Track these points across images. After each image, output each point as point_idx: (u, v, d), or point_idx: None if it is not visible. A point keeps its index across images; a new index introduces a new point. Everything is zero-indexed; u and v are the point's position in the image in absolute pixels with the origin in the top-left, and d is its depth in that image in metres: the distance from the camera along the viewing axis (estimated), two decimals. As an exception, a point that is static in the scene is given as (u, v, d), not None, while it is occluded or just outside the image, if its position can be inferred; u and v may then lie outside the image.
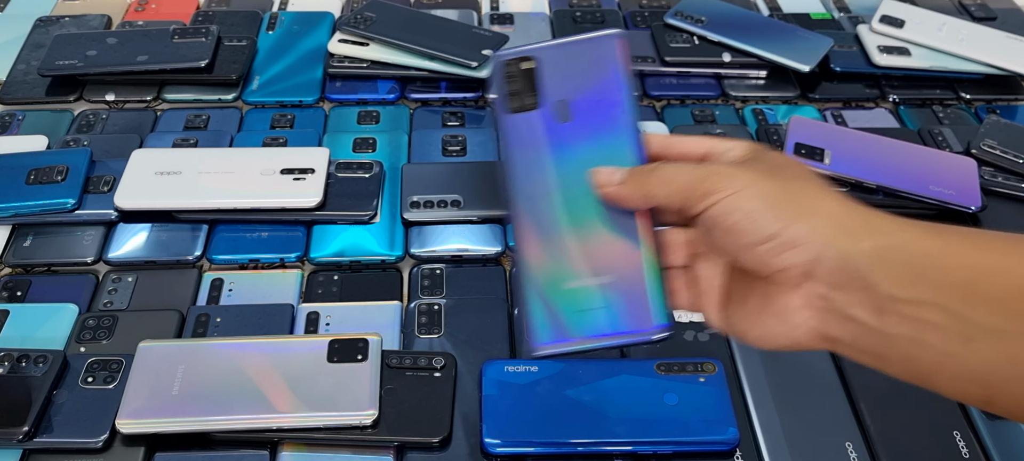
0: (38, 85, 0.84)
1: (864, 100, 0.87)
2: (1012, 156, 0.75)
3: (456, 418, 0.55)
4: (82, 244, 0.67)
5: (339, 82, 0.85)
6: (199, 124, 0.80)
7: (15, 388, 0.54)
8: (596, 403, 0.55)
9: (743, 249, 0.36)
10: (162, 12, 0.96)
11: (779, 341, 0.37)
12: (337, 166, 0.72)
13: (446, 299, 0.64)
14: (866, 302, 0.34)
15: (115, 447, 0.53)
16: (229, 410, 0.53)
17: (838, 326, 0.35)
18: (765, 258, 0.35)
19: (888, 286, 0.33)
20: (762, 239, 0.35)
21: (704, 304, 0.40)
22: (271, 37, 0.91)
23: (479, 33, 0.86)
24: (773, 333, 0.37)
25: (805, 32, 0.90)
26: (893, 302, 0.33)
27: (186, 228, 0.68)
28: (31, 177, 0.69)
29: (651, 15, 0.96)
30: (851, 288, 0.34)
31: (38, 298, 0.64)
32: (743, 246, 0.36)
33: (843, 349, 0.36)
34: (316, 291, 0.65)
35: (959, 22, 0.90)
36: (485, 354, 0.59)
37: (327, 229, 0.69)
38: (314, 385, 0.54)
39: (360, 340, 0.56)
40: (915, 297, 0.33)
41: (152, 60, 0.82)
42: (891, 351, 0.34)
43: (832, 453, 0.54)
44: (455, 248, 0.67)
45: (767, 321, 0.37)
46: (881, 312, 0.34)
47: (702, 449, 0.54)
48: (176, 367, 0.54)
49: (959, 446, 0.55)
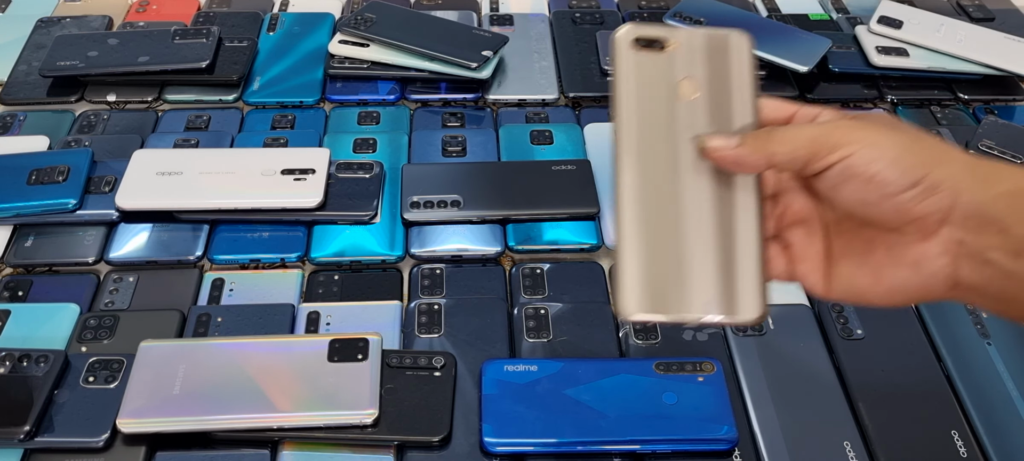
0: (39, 86, 0.84)
1: (862, 101, 0.87)
2: (1010, 156, 0.76)
3: (456, 417, 0.55)
4: (83, 244, 0.67)
5: (339, 83, 0.85)
6: (200, 125, 0.80)
7: (16, 388, 0.54)
8: (595, 402, 0.55)
9: (884, 199, 0.35)
10: (163, 13, 0.96)
11: (910, 293, 0.37)
12: (337, 166, 0.72)
13: (446, 299, 0.64)
14: (1003, 245, 0.35)
15: (116, 446, 0.53)
16: (230, 409, 0.53)
17: (974, 270, 0.36)
18: (907, 206, 0.35)
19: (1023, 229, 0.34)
20: (906, 185, 0.35)
21: (804, 271, 0.40)
22: (272, 38, 0.91)
23: (479, 34, 0.86)
24: (906, 285, 0.37)
25: (803, 33, 0.90)
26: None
27: (187, 228, 0.68)
28: (32, 177, 0.69)
29: (650, 16, 0.96)
30: (988, 232, 0.35)
31: (39, 298, 0.64)
32: (884, 195, 0.35)
33: (973, 296, 0.36)
34: (317, 291, 0.65)
35: (957, 23, 0.90)
36: (485, 354, 0.59)
37: (328, 229, 0.69)
38: (314, 384, 0.54)
39: (360, 340, 0.56)
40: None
41: (153, 61, 0.82)
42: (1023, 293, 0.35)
43: (830, 452, 0.55)
44: (455, 248, 0.68)
45: (898, 273, 0.37)
46: (1018, 255, 0.34)
47: (701, 448, 0.54)
48: (177, 367, 0.55)
49: (957, 445, 0.55)
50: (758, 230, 0.38)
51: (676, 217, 0.38)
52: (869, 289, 0.38)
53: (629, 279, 0.37)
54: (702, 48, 0.39)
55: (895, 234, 0.37)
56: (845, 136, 0.36)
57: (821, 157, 0.36)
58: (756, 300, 0.37)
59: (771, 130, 0.37)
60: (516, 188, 0.72)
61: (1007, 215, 0.34)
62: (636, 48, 0.39)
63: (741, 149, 0.37)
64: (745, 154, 0.37)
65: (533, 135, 0.79)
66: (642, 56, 0.39)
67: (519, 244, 0.68)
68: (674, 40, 0.39)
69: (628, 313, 0.37)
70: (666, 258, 0.37)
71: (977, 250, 0.35)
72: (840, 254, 0.39)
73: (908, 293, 0.38)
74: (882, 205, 0.36)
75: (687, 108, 0.38)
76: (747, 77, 0.39)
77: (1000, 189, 0.35)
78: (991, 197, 0.35)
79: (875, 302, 0.38)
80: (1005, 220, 0.34)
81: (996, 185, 0.35)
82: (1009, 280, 0.35)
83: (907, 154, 0.35)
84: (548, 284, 0.65)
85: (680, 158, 0.38)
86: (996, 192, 0.35)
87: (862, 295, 0.39)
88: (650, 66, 0.39)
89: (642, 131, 0.38)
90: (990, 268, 0.35)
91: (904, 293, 0.38)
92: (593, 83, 0.86)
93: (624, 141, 0.38)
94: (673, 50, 0.39)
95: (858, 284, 0.38)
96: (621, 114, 0.38)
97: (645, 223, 0.37)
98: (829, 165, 0.36)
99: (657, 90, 0.39)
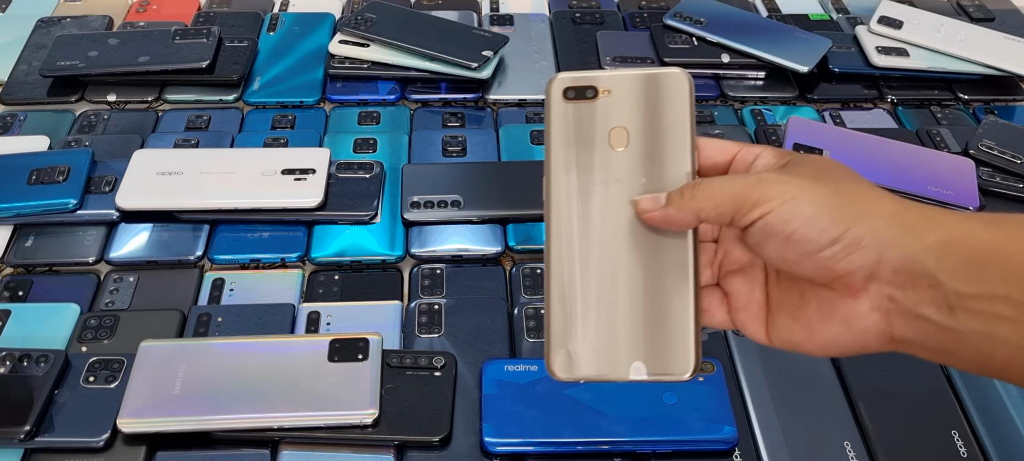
0: (40, 86, 0.84)
1: (862, 101, 0.87)
2: (1010, 156, 0.76)
3: (456, 417, 0.55)
4: (84, 244, 0.67)
5: (340, 83, 0.85)
6: (200, 124, 0.80)
7: (17, 388, 0.54)
8: (595, 402, 0.55)
9: (804, 257, 0.35)
10: (163, 13, 0.96)
11: (845, 348, 0.36)
12: (338, 166, 0.73)
13: (446, 299, 0.64)
14: (935, 300, 0.33)
15: (116, 446, 0.53)
16: (230, 409, 0.53)
17: (908, 326, 0.34)
18: (827, 264, 0.34)
19: (955, 282, 0.33)
20: (824, 244, 0.34)
21: (743, 320, 0.39)
22: (272, 38, 0.91)
23: (479, 34, 0.86)
24: (839, 340, 0.36)
25: (803, 33, 0.90)
26: (961, 298, 0.33)
27: (187, 228, 0.68)
28: (33, 177, 0.69)
29: (650, 16, 0.96)
30: (918, 287, 0.33)
31: (40, 298, 0.64)
32: (804, 254, 0.34)
33: (912, 349, 0.35)
34: (317, 291, 0.65)
35: (957, 23, 0.90)
36: (485, 354, 0.59)
37: (328, 229, 0.69)
38: (315, 384, 0.54)
39: (360, 340, 0.56)
40: (983, 291, 0.32)
41: (153, 61, 0.82)
42: (963, 348, 0.34)
43: (831, 452, 0.55)
44: (455, 248, 0.68)
45: (831, 328, 0.36)
46: (951, 309, 0.33)
47: (701, 448, 0.54)
48: (177, 367, 0.55)
49: (957, 445, 0.55)
50: (692, 283, 0.37)
51: (604, 274, 0.37)
52: (805, 342, 0.37)
53: (555, 340, 0.37)
54: (636, 93, 0.38)
55: (825, 290, 0.36)
56: (768, 190, 0.35)
57: (743, 213, 0.35)
58: (688, 356, 0.37)
59: (697, 185, 0.36)
60: (516, 188, 0.72)
61: (938, 268, 0.33)
62: (567, 99, 0.39)
63: (668, 208, 0.36)
64: (672, 213, 0.36)
65: (533, 135, 0.79)
66: (573, 107, 0.38)
67: (519, 244, 0.68)
68: (606, 87, 0.38)
69: (553, 374, 0.37)
70: (593, 317, 0.37)
71: (908, 306, 0.34)
72: (776, 306, 0.38)
73: (843, 348, 0.36)
74: (803, 263, 0.35)
75: (619, 158, 0.38)
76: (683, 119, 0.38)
77: (929, 240, 0.33)
78: (920, 249, 0.33)
79: (814, 354, 0.38)
80: (936, 274, 0.33)
81: (925, 236, 0.34)
82: (945, 334, 0.33)
83: (825, 211, 0.34)
84: (548, 284, 0.65)
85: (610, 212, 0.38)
86: (925, 244, 0.33)
87: (799, 347, 0.38)
88: (581, 117, 0.38)
89: (570, 186, 0.38)
90: (924, 323, 0.34)
91: (839, 348, 0.36)
92: (593, 83, 0.86)
93: (553, 197, 0.38)
94: (606, 98, 0.38)
95: (794, 337, 0.38)
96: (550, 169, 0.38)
97: (571, 282, 0.37)
98: (750, 222, 0.35)
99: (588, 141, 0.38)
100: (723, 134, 0.80)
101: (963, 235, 0.34)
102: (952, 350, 0.34)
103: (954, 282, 0.33)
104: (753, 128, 0.82)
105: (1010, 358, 0.33)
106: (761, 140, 0.80)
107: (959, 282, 0.33)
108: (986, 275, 0.33)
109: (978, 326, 0.33)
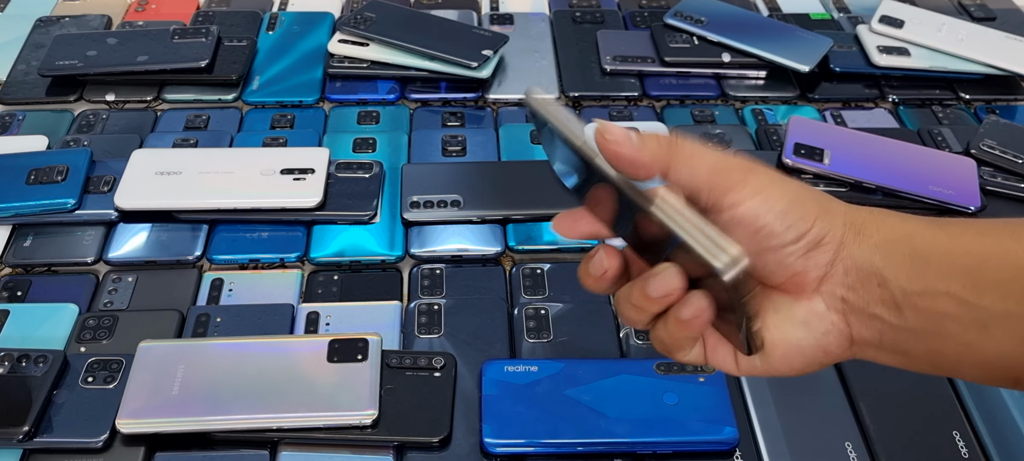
0: (38, 85, 0.84)
1: (863, 100, 0.87)
2: (1011, 156, 0.75)
3: (456, 418, 0.55)
4: (82, 244, 0.67)
5: (339, 82, 0.85)
6: (199, 124, 0.80)
7: (15, 388, 0.54)
8: (596, 403, 0.55)
9: (765, 252, 0.34)
10: (162, 12, 0.96)
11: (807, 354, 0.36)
12: (337, 166, 0.72)
13: (446, 299, 0.64)
14: (884, 298, 0.34)
15: (115, 447, 0.53)
16: (229, 410, 0.53)
17: (864, 326, 0.34)
18: (787, 260, 0.34)
19: (900, 279, 0.33)
20: (789, 240, 0.34)
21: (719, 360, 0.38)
22: (271, 37, 0.91)
23: (479, 33, 0.86)
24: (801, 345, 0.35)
25: (804, 32, 0.90)
26: (907, 296, 0.33)
27: (186, 228, 0.68)
28: (31, 177, 0.69)
29: (651, 15, 0.96)
30: (868, 285, 0.34)
31: (38, 298, 0.64)
32: (769, 248, 0.34)
33: (872, 352, 0.35)
34: (316, 291, 0.65)
35: (958, 22, 0.90)
36: (485, 354, 0.59)
37: (327, 229, 0.69)
38: (314, 385, 0.54)
39: (360, 340, 0.56)
40: (926, 288, 0.33)
41: (152, 60, 0.82)
42: (916, 346, 0.34)
43: (832, 453, 0.54)
44: (455, 248, 0.68)
45: (792, 332, 0.35)
46: (899, 308, 0.33)
47: (701, 449, 0.54)
48: (176, 367, 0.55)
49: (958, 446, 0.55)
50: None
51: None
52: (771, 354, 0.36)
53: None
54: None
55: (777, 293, 0.36)
56: (745, 176, 0.34)
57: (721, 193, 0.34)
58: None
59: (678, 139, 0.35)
60: (516, 188, 0.71)
61: (884, 266, 0.33)
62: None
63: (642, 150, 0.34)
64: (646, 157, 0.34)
65: (533, 135, 0.79)
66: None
67: (519, 244, 0.68)
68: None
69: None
70: None
71: (861, 306, 0.34)
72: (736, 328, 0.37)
73: (806, 354, 0.36)
74: (765, 257, 0.34)
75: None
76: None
77: (875, 239, 0.34)
78: (867, 249, 0.34)
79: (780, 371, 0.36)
80: (882, 272, 0.33)
81: (871, 235, 0.34)
82: (898, 333, 0.34)
83: (795, 206, 0.34)
84: (548, 284, 0.65)
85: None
86: (872, 243, 0.34)
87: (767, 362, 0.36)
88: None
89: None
90: (878, 322, 0.34)
91: (800, 354, 0.36)
92: (593, 83, 0.86)
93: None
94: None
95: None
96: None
97: None
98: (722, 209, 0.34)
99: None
100: (724, 134, 0.80)
101: (906, 234, 0.34)
102: (907, 349, 0.34)
103: (899, 279, 0.33)
104: (754, 128, 0.82)
105: (958, 355, 0.33)
106: (762, 140, 0.80)
107: (904, 279, 0.33)
108: (928, 271, 0.33)
109: (925, 324, 0.33)
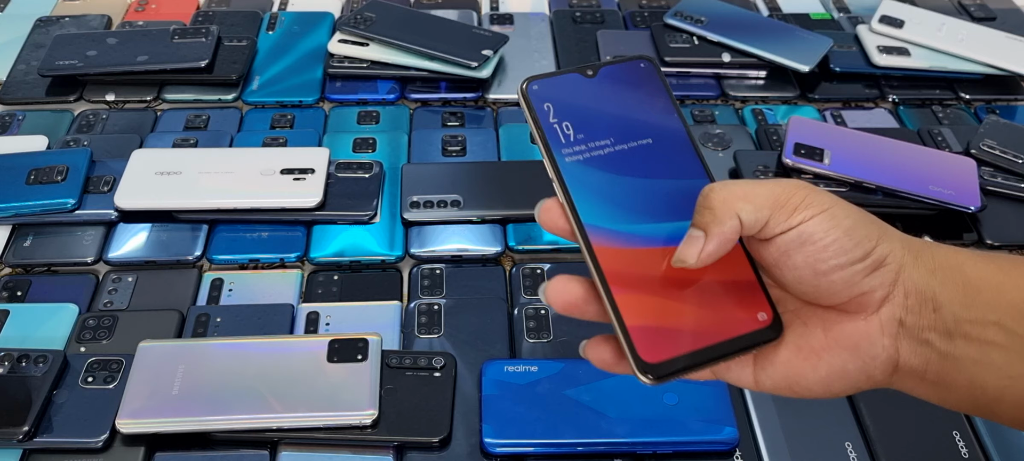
0: (38, 85, 0.84)
1: (864, 100, 0.87)
2: (1011, 156, 0.75)
3: (456, 418, 0.55)
4: (82, 244, 0.67)
5: (339, 82, 0.85)
6: (199, 124, 0.80)
7: (15, 388, 0.54)
8: (596, 403, 0.55)
9: (834, 269, 0.34)
10: (162, 12, 0.96)
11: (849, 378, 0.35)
12: (337, 166, 0.72)
13: (446, 299, 0.64)
14: (937, 325, 0.34)
15: (115, 447, 0.53)
16: (229, 410, 0.53)
17: (913, 352, 0.34)
18: (856, 278, 0.34)
19: (954, 306, 0.34)
20: (858, 257, 0.34)
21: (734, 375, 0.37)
22: (271, 37, 0.91)
23: (479, 33, 0.86)
24: (845, 369, 0.35)
25: (805, 32, 0.90)
26: (958, 323, 0.33)
27: (186, 228, 0.68)
28: (31, 177, 0.69)
29: (651, 15, 0.96)
30: (924, 310, 0.34)
31: (38, 298, 0.64)
32: (836, 265, 0.34)
33: (912, 381, 0.35)
34: (316, 291, 0.65)
35: (958, 22, 0.90)
36: (485, 354, 0.59)
37: (327, 229, 0.69)
38: (314, 385, 0.54)
39: (360, 340, 0.56)
40: (977, 317, 0.33)
41: (152, 60, 0.82)
42: (959, 377, 0.34)
43: (832, 453, 0.54)
44: (455, 248, 0.68)
45: (837, 357, 0.35)
46: (950, 335, 0.34)
47: (701, 449, 0.54)
48: (176, 367, 0.55)
49: (958, 446, 0.55)
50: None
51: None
52: (808, 374, 0.36)
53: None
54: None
55: (834, 312, 0.35)
56: (809, 196, 0.34)
57: (785, 215, 0.34)
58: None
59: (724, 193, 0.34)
60: (516, 188, 0.71)
61: (940, 292, 0.34)
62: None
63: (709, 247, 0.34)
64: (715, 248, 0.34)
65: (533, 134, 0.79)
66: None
67: (519, 244, 0.68)
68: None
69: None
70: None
71: (915, 331, 0.34)
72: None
73: (847, 378, 0.35)
74: (831, 276, 0.34)
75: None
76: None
77: (931, 265, 0.34)
78: (925, 273, 0.34)
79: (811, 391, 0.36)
80: (937, 297, 0.34)
81: (927, 261, 0.34)
82: (944, 362, 0.34)
83: (861, 224, 0.34)
84: (548, 284, 0.65)
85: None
86: (928, 268, 0.34)
87: (796, 381, 0.36)
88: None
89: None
90: (927, 349, 0.34)
91: (843, 379, 0.35)
92: (593, 82, 0.86)
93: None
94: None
95: (793, 371, 0.36)
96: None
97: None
98: (789, 228, 0.34)
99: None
100: (724, 133, 0.80)
101: (958, 263, 0.35)
102: (950, 381, 0.35)
103: (953, 306, 0.34)
104: (754, 128, 0.82)
105: (1001, 388, 0.34)
106: (762, 140, 0.80)
107: (957, 306, 0.34)
108: (979, 301, 0.34)
109: (972, 352, 0.34)
